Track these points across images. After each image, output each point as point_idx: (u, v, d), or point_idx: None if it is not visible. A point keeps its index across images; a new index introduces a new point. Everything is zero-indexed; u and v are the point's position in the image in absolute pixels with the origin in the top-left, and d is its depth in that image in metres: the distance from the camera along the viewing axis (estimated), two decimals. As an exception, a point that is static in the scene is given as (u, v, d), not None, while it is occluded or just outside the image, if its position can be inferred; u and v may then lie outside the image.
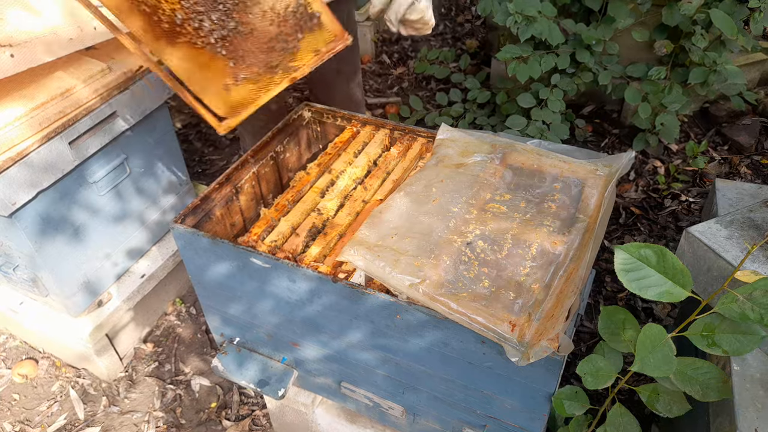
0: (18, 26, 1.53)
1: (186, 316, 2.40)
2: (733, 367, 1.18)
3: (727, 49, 2.63)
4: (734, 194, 1.67)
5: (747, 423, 1.08)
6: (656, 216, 2.66)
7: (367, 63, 3.94)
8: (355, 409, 1.60)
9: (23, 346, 2.32)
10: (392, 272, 1.17)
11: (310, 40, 1.57)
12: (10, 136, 1.60)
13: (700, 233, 1.37)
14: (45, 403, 2.12)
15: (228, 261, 1.34)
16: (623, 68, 2.76)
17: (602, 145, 3.07)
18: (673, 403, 1.17)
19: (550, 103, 2.71)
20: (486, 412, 1.30)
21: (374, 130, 1.71)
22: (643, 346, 1.07)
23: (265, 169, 1.63)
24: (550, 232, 1.27)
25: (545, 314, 1.09)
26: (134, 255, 2.18)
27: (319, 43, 1.58)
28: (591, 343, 2.18)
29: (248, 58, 1.52)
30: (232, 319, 1.54)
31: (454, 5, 4.51)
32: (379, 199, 1.48)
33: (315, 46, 1.58)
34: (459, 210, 1.33)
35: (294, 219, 1.43)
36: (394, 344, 1.27)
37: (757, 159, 2.88)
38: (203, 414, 2.07)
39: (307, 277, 1.24)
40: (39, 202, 1.73)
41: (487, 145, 1.51)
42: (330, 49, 1.59)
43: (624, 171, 1.38)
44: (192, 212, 1.41)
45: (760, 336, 1.05)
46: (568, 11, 2.78)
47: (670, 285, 1.04)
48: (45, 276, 1.87)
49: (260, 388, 1.53)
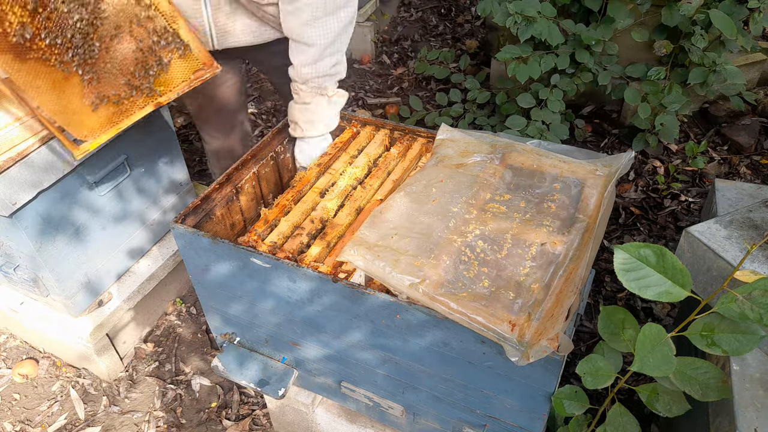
0: (18, 26, 1.52)
1: (186, 316, 2.40)
2: (733, 366, 1.18)
3: (727, 49, 2.64)
4: (734, 194, 1.67)
5: (746, 423, 1.08)
6: (656, 216, 2.66)
7: (367, 63, 3.94)
8: (355, 408, 1.60)
9: (24, 345, 2.32)
10: (392, 272, 1.18)
11: (178, 66, 1.55)
12: (11, 136, 1.60)
13: (699, 233, 1.38)
14: (45, 402, 2.13)
15: (228, 261, 1.34)
16: (623, 68, 2.76)
17: (602, 145, 3.07)
18: (673, 403, 1.17)
19: (550, 104, 2.72)
20: (486, 412, 1.30)
21: (374, 130, 1.71)
22: (642, 345, 1.08)
23: (266, 169, 1.64)
24: (549, 232, 1.27)
25: (545, 314, 1.10)
26: (135, 255, 2.18)
27: (187, 71, 1.57)
28: (591, 343, 2.18)
29: (108, 80, 1.47)
30: (233, 319, 1.54)
31: (454, 5, 4.51)
32: (379, 199, 1.49)
33: (183, 73, 1.57)
34: (459, 210, 1.33)
35: (294, 219, 1.43)
36: (394, 344, 1.27)
37: (756, 159, 2.88)
38: (204, 414, 2.08)
39: (308, 277, 1.24)
40: (39, 202, 1.74)
41: (487, 146, 1.51)
42: (198, 77, 1.58)
43: (623, 171, 1.38)
44: (192, 212, 1.41)
45: (759, 336, 1.05)
46: (567, 12, 2.78)
47: (670, 285, 1.05)
48: (45, 276, 1.87)
49: (260, 387, 1.53)
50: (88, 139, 1.48)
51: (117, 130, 1.53)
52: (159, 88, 1.55)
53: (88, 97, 1.45)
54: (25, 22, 1.30)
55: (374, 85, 3.76)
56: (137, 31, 1.47)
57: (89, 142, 1.48)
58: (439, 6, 4.52)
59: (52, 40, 1.35)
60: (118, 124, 1.53)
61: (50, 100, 1.39)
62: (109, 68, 1.46)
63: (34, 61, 1.35)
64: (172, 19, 1.50)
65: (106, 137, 1.51)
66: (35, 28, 1.32)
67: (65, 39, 1.37)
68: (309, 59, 1.59)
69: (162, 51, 1.52)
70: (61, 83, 1.40)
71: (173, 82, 1.57)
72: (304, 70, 1.60)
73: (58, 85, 1.40)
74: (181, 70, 1.57)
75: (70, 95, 1.42)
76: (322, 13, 1.52)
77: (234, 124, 2.17)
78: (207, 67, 1.59)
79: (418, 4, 4.58)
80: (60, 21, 1.35)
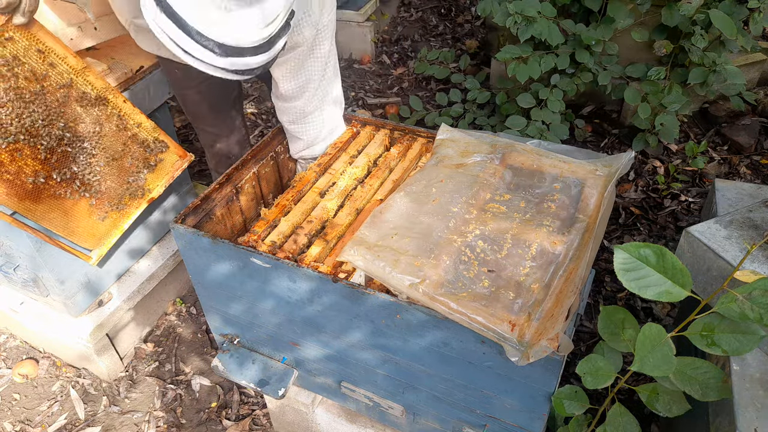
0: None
1: (186, 315, 2.40)
2: (733, 366, 1.18)
3: (727, 49, 2.64)
4: (734, 194, 1.67)
5: (746, 423, 1.08)
6: (656, 216, 2.66)
7: (367, 63, 3.94)
8: (355, 408, 1.60)
9: (24, 345, 2.32)
10: (392, 272, 1.17)
11: (161, 164, 1.78)
12: (11, 136, 1.60)
13: (699, 233, 1.38)
14: (45, 402, 2.13)
15: (228, 261, 1.34)
16: (623, 68, 2.76)
17: (602, 145, 3.07)
18: (673, 403, 1.17)
19: (550, 104, 2.72)
20: (486, 412, 1.30)
21: (374, 130, 1.71)
22: (642, 345, 1.07)
23: (266, 169, 1.64)
24: (549, 232, 1.27)
25: (545, 314, 1.10)
26: (135, 255, 2.18)
27: (168, 166, 1.80)
28: (591, 343, 2.18)
29: (109, 193, 1.69)
30: (233, 319, 1.54)
31: (454, 5, 4.51)
32: (379, 199, 1.49)
33: (166, 168, 1.80)
34: (459, 210, 1.33)
35: (294, 219, 1.43)
36: (394, 344, 1.27)
37: (756, 159, 2.88)
38: (204, 414, 2.07)
39: (308, 277, 1.24)
40: (39, 202, 1.74)
41: (487, 146, 1.51)
42: (177, 167, 1.81)
43: (623, 171, 1.38)
44: (192, 212, 1.41)
45: (759, 336, 1.05)
46: (567, 12, 2.78)
47: (670, 285, 1.05)
48: (45, 276, 1.87)
49: (260, 387, 1.53)
50: (97, 247, 1.75)
51: (121, 231, 1.78)
52: (149, 186, 1.78)
53: (95, 214, 1.68)
54: (37, 169, 1.50)
55: (374, 85, 3.76)
56: (133, 144, 1.69)
57: (100, 248, 1.75)
58: (439, 6, 4.52)
59: (62, 177, 1.56)
60: (121, 225, 1.77)
61: (62, 226, 1.62)
62: (110, 184, 1.68)
63: (48, 198, 1.55)
64: (155, 130, 1.73)
65: (113, 239, 1.77)
66: (46, 172, 1.52)
67: (71, 170, 1.58)
68: (302, 147, 1.70)
69: (150, 157, 1.75)
70: (71, 209, 1.62)
71: (159, 178, 1.80)
72: (302, 154, 1.72)
73: (68, 211, 1.62)
74: (164, 167, 1.80)
75: (79, 217, 1.65)
76: (311, 110, 1.61)
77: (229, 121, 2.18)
78: (183, 158, 1.82)
79: (418, 4, 4.57)
80: (66, 155, 1.56)
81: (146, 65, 1.92)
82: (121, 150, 1.65)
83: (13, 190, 1.46)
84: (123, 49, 1.94)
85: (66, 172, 1.55)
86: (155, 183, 1.78)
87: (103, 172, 1.64)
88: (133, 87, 1.89)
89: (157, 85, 1.97)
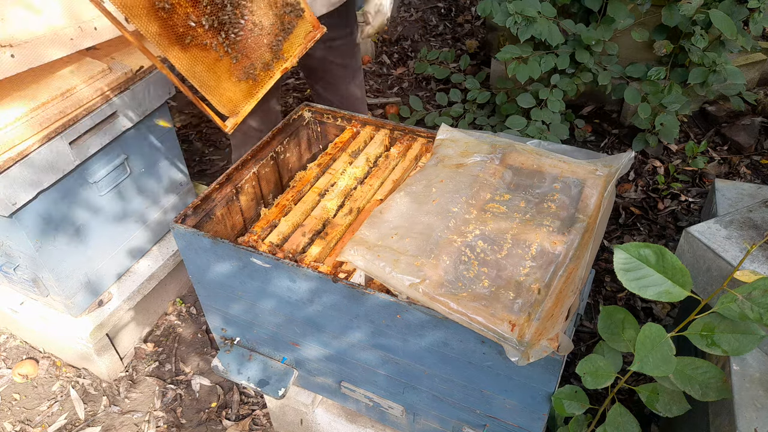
0: (19, 26, 1.53)
1: (186, 315, 2.40)
2: (733, 366, 1.18)
3: (727, 49, 2.64)
4: (734, 194, 1.67)
5: (746, 423, 1.08)
6: (656, 216, 2.66)
7: (367, 63, 3.94)
8: (355, 408, 1.60)
9: (24, 345, 2.32)
10: (392, 272, 1.18)
11: (296, 32, 1.68)
12: (11, 136, 1.60)
13: (699, 233, 1.38)
14: (45, 402, 2.13)
15: (228, 261, 1.34)
16: (623, 68, 2.76)
17: (602, 145, 3.07)
18: (673, 403, 1.17)
19: (550, 104, 2.72)
20: (486, 412, 1.30)
21: (374, 130, 1.71)
22: (642, 345, 1.07)
23: (266, 169, 1.64)
24: (549, 232, 1.27)
25: (545, 314, 1.10)
26: (135, 255, 2.18)
27: (301, 35, 1.69)
28: (591, 343, 2.18)
29: (250, 56, 1.60)
30: (233, 319, 1.55)
31: (454, 5, 4.51)
32: (379, 199, 1.49)
33: (300, 36, 1.69)
34: (459, 210, 1.33)
35: (294, 219, 1.43)
36: (394, 344, 1.27)
37: (756, 159, 2.88)
38: (204, 414, 2.08)
39: (308, 276, 1.24)
40: (40, 202, 1.74)
41: (487, 146, 1.51)
42: (310, 39, 1.70)
43: (623, 171, 1.38)
44: (192, 212, 1.41)
45: (759, 336, 1.05)
46: (567, 12, 2.78)
47: (670, 285, 1.05)
48: (46, 276, 1.87)
49: (260, 387, 1.53)
50: (232, 114, 1.61)
51: (256, 100, 1.65)
52: (283, 54, 1.67)
53: (235, 74, 1.57)
54: (189, 11, 1.42)
55: (374, 85, 3.76)
56: (275, 5, 1.60)
57: (235, 116, 1.62)
58: (439, 6, 4.52)
59: (210, 25, 1.47)
60: (256, 94, 1.65)
61: (205, 83, 1.52)
62: (251, 45, 1.58)
63: (194, 48, 1.46)
64: None
65: (248, 108, 1.64)
66: (196, 16, 1.44)
67: (219, 23, 1.49)
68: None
69: (287, 18, 1.64)
70: (214, 65, 1.52)
71: (293, 47, 1.68)
72: None
73: (211, 68, 1.52)
74: (298, 35, 1.68)
75: (220, 75, 1.55)
76: None
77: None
78: (315, 29, 1.70)
79: (418, 4, 4.57)
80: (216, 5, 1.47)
81: (146, 65, 1.92)
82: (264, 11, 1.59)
83: (165, 31, 1.40)
84: (123, 49, 1.94)
85: (214, 21, 1.49)
86: (289, 51, 1.69)
87: (247, 29, 1.57)
88: (133, 87, 1.89)
89: (157, 85, 1.97)
